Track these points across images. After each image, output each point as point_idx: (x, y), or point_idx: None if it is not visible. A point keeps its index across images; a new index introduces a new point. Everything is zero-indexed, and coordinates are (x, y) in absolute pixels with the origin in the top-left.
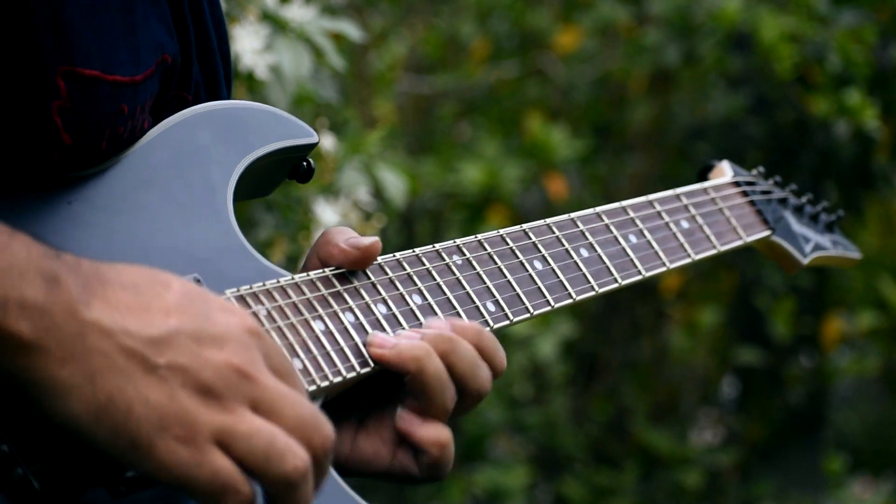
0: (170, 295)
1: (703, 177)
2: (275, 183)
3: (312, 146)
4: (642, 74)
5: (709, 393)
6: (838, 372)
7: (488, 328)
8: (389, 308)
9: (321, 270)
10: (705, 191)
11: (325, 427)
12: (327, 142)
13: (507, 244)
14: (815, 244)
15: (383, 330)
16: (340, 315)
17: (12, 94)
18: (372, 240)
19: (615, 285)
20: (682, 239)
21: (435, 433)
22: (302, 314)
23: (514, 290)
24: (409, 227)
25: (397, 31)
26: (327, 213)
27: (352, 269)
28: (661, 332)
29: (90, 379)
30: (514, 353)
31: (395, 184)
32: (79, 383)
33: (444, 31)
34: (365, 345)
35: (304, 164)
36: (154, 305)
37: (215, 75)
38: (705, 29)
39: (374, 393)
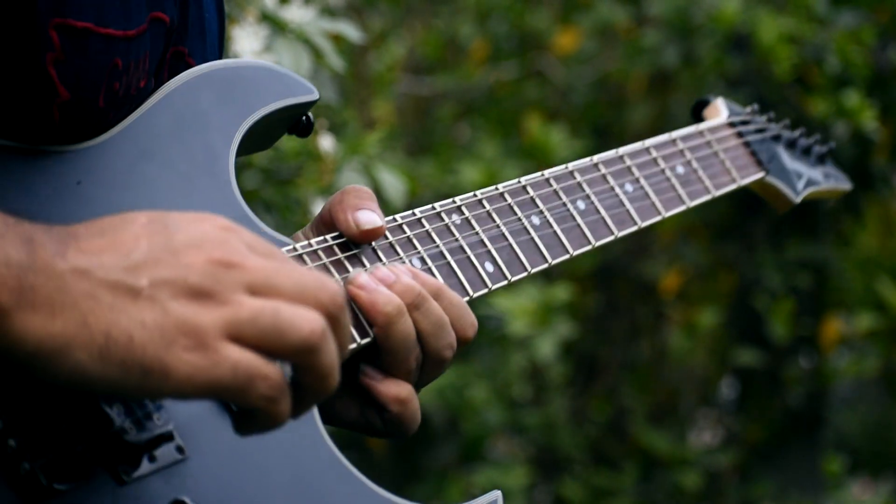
0: (135, 226)
1: (697, 112)
2: (275, 137)
3: (313, 103)
4: (641, 75)
5: (708, 394)
6: (837, 373)
7: (487, 289)
8: None
9: (323, 238)
10: (701, 133)
11: (330, 284)
12: (326, 143)
13: (506, 200)
14: (807, 179)
15: None
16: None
17: (7, 47)
18: (373, 224)
19: (612, 237)
20: (677, 185)
21: (396, 389)
22: None
23: (513, 249)
24: None
25: (396, 32)
26: None
27: (352, 240)
28: (660, 332)
29: (83, 323)
30: (513, 353)
31: (394, 185)
32: (74, 332)
33: (443, 32)
34: (345, 280)
35: (304, 119)
36: (123, 238)
37: (207, 26)
38: (704, 30)
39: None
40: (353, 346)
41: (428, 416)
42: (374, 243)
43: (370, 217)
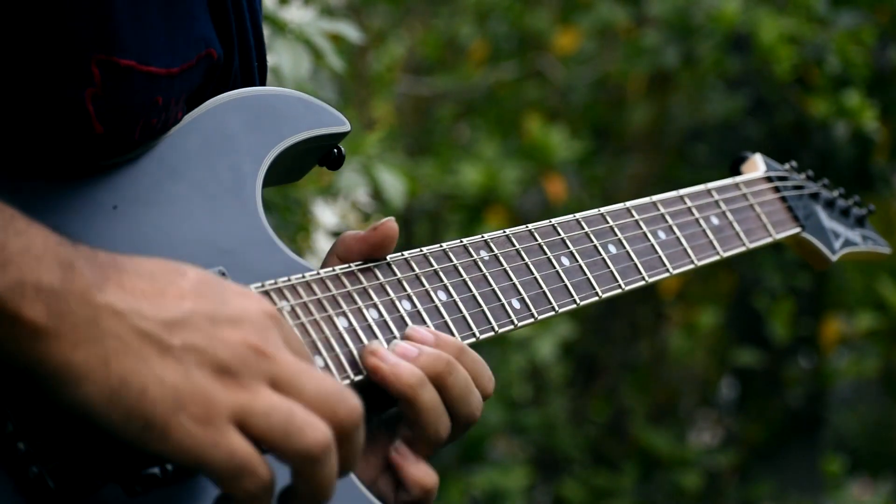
0: (185, 281)
1: (735, 169)
2: (304, 169)
3: (344, 135)
4: (641, 76)
5: (708, 394)
6: (837, 373)
7: (513, 326)
8: (414, 305)
9: (346, 265)
10: (737, 186)
11: (350, 399)
12: None
13: (536, 239)
14: (844, 240)
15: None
16: (364, 312)
17: (47, 79)
18: (386, 219)
19: (642, 283)
20: (711, 236)
21: (423, 475)
22: (326, 310)
23: (541, 287)
24: (407, 228)
25: (396, 33)
26: (326, 215)
27: (372, 254)
28: (660, 333)
29: (104, 362)
30: (513, 354)
31: (393, 185)
32: (93, 367)
33: (442, 32)
34: (360, 353)
35: (335, 151)
36: (169, 291)
37: (250, 67)
38: (704, 30)
39: (371, 402)
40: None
41: None
42: (398, 273)
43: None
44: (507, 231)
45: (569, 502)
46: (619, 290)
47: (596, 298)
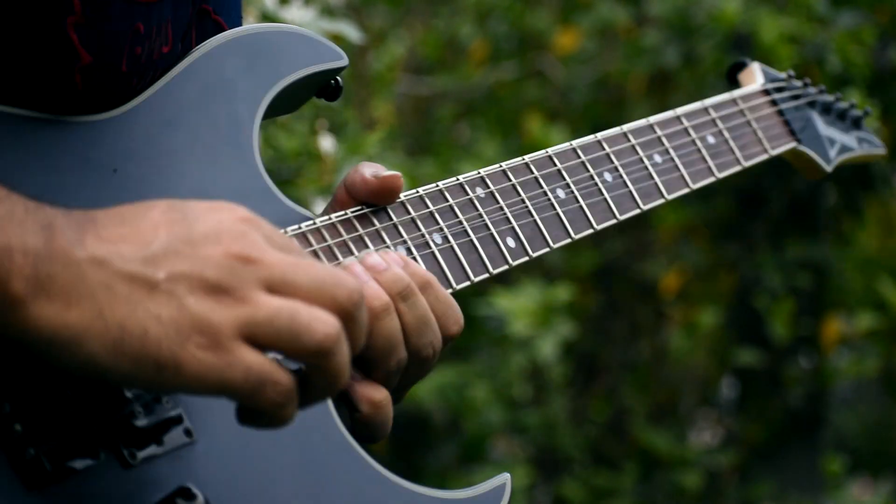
0: (154, 213)
1: (732, 76)
2: (301, 101)
3: (342, 69)
4: (641, 75)
5: (708, 394)
6: (837, 373)
7: (507, 265)
8: (410, 252)
9: (343, 212)
10: (734, 101)
11: (347, 281)
12: (326, 143)
13: (532, 172)
14: (840, 146)
15: None
16: None
17: (27, 11)
18: (393, 172)
19: (637, 211)
20: (707, 156)
21: (370, 391)
22: (322, 261)
23: (537, 224)
24: None
25: (396, 33)
26: None
27: (373, 201)
28: (660, 332)
29: (98, 315)
30: (513, 354)
31: None
32: (88, 323)
33: (443, 32)
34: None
35: (333, 82)
36: (142, 226)
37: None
38: (705, 30)
39: None
40: None
41: (428, 415)
42: (395, 217)
43: (389, 171)
44: (504, 165)
45: (569, 502)
46: (614, 221)
47: (591, 231)
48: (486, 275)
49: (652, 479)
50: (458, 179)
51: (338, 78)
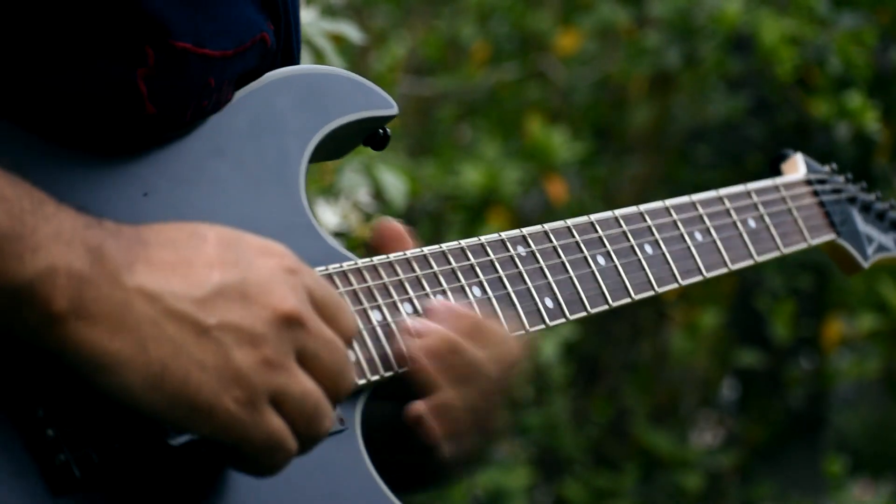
0: (208, 247)
1: (774, 167)
2: (348, 148)
3: (392, 117)
4: (642, 76)
5: (709, 395)
6: (838, 374)
7: (544, 325)
8: (448, 300)
9: (385, 256)
10: (776, 188)
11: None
12: None
13: (574, 236)
14: (878, 244)
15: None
16: (399, 305)
17: (100, 57)
18: (388, 223)
19: (675, 286)
20: (747, 240)
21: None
22: (361, 303)
23: (575, 288)
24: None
25: (397, 33)
26: (327, 215)
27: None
28: (661, 334)
29: (142, 349)
30: None
31: (395, 185)
32: (131, 355)
33: (444, 32)
34: (401, 331)
35: (381, 131)
36: (195, 260)
37: (290, 46)
38: (706, 31)
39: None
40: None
41: None
42: (435, 267)
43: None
44: (546, 226)
45: (570, 502)
46: (652, 293)
47: (629, 300)
48: (522, 331)
49: (653, 479)
50: (500, 236)
51: (386, 128)
